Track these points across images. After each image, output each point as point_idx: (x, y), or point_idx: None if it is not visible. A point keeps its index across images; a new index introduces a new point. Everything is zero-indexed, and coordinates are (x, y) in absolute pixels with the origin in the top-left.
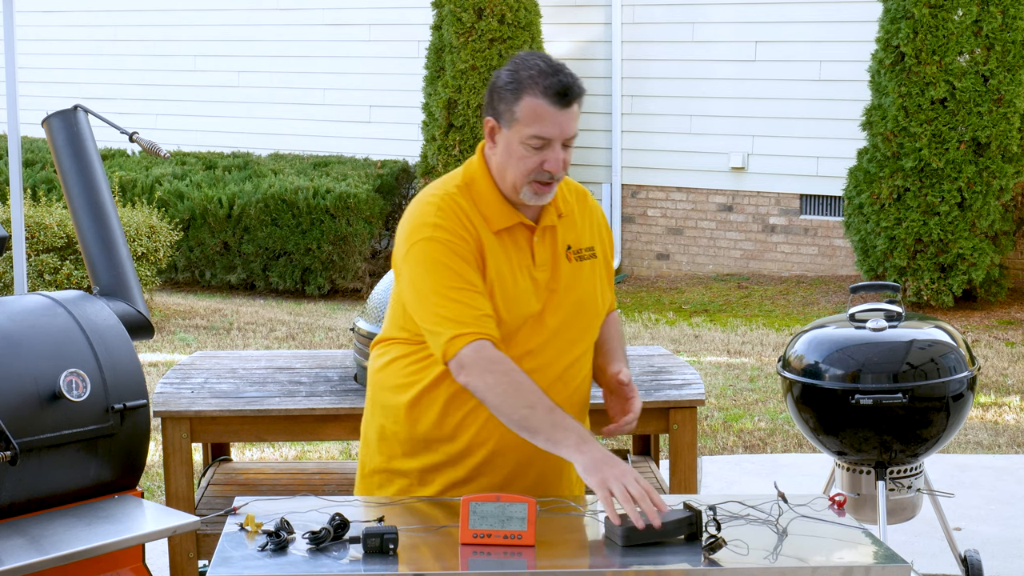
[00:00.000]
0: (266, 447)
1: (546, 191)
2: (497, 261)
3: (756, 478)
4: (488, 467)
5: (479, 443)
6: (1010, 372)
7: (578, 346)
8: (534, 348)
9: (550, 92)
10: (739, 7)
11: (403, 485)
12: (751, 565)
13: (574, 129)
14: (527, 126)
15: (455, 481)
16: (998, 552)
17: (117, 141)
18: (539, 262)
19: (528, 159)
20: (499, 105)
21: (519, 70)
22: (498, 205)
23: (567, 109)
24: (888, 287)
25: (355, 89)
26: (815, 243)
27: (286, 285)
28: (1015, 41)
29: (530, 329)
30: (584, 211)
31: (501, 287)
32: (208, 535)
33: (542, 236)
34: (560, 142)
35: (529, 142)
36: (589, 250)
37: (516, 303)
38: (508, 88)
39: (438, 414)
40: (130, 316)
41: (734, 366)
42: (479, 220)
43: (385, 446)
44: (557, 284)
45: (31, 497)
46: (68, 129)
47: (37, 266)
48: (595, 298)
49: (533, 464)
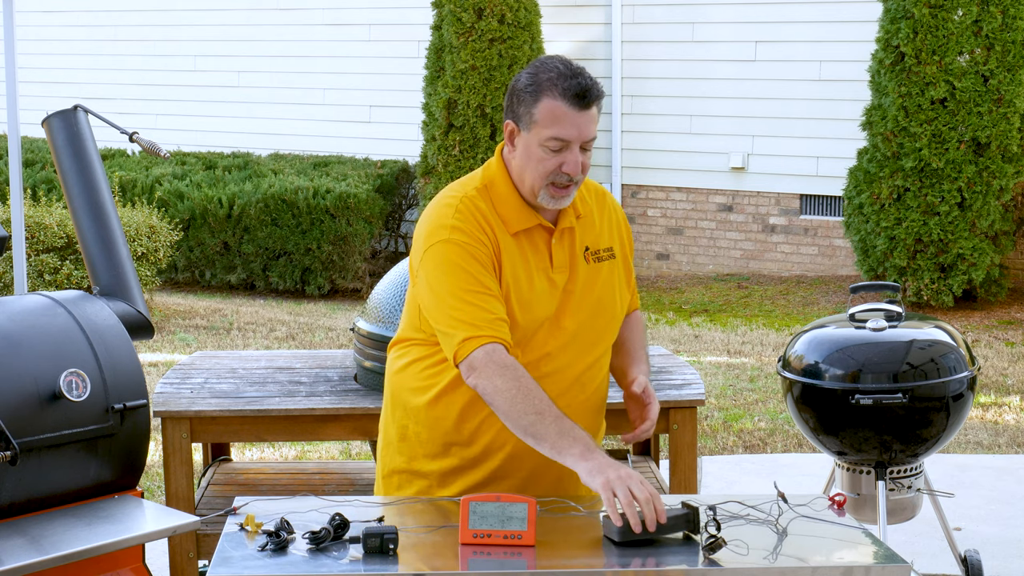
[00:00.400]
0: (266, 447)
1: (564, 194)
2: (514, 263)
3: (756, 478)
4: (505, 471)
5: (496, 447)
6: (1010, 372)
7: (596, 349)
8: (552, 351)
9: (569, 94)
10: (739, 7)
11: (423, 487)
12: (751, 565)
13: (593, 132)
14: (546, 128)
15: (474, 484)
16: (998, 552)
17: (117, 141)
18: (557, 264)
19: (547, 161)
20: (518, 108)
21: (539, 73)
22: (517, 207)
23: (586, 111)
24: (888, 287)
25: (355, 89)
26: (815, 243)
27: (286, 285)
28: (1015, 41)
29: (547, 332)
30: (603, 211)
31: (517, 289)
32: (208, 535)
33: (560, 238)
34: (578, 144)
35: (548, 144)
36: (608, 251)
37: (533, 305)
38: (527, 91)
39: (456, 418)
40: (130, 316)
41: (734, 366)
42: (497, 222)
43: (406, 447)
44: (575, 286)
45: (31, 497)
46: (68, 129)
47: (37, 266)
48: (613, 300)
49: (551, 468)
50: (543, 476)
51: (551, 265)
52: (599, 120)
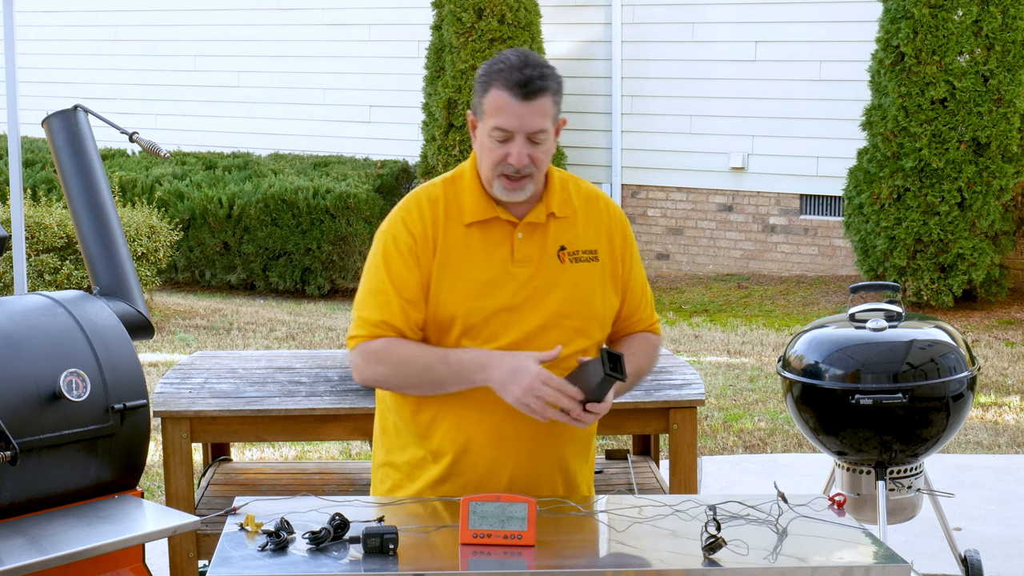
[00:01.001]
0: (266, 447)
1: (516, 186)
2: (461, 252)
3: (756, 478)
4: (461, 466)
5: (451, 440)
6: (1010, 372)
7: (565, 348)
8: (509, 344)
9: (510, 84)
10: (739, 7)
11: (396, 480)
12: (751, 565)
13: (538, 124)
14: (491, 117)
15: (435, 479)
16: (998, 552)
17: (117, 141)
18: (519, 257)
19: (494, 151)
20: (475, 98)
21: (493, 64)
22: (476, 198)
23: (528, 102)
24: (888, 287)
25: (355, 89)
26: (815, 243)
27: (286, 285)
28: (1015, 41)
29: (503, 323)
30: (591, 214)
31: (462, 278)
32: (208, 535)
33: (528, 232)
34: (523, 136)
35: (493, 134)
36: (588, 253)
37: (481, 295)
38: (480, 81)
39: (412, 408)
40: (130, 316)
41: (734, 366)
42: (454, 212)
43: (387, 439)
44: (542, 282)
45: (31, 497)
46: (68, 129)
47: (37, 266)
48: (591, 301)
49: (505, 464)
50: (499, 472)
51: (511, 258)
52: (554, 115)
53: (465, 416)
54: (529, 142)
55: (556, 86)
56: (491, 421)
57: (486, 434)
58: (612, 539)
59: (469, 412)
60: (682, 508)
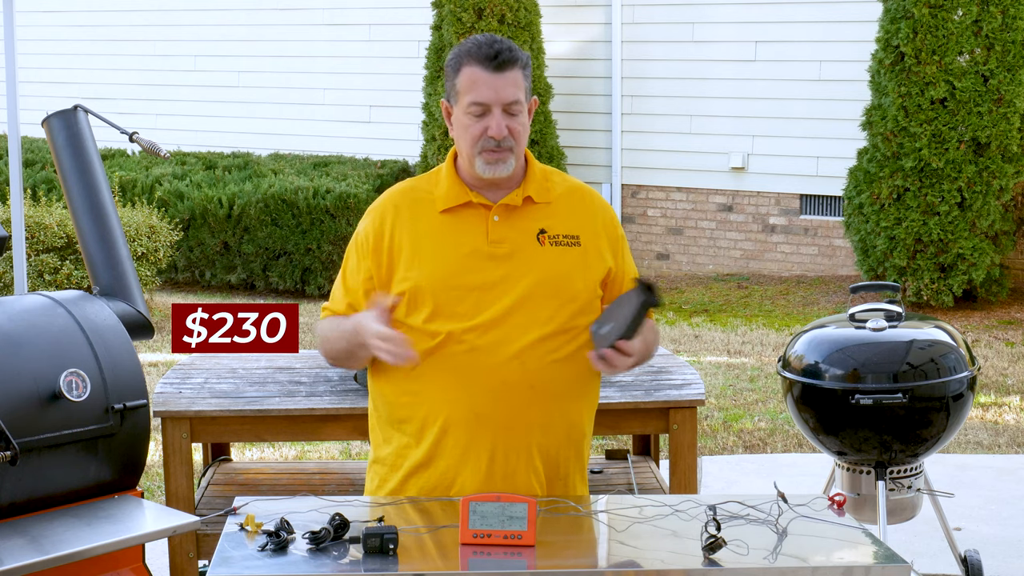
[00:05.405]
0: (266, 447)
1: (497, 158)
2: (434, 237)
3: (756, 478)
4: (442, 448)
5: (432, 421)
6: (1010, 372)
7: (543, 328)
8: (485, 322)
9: (481, 57)
10: (739, 7)
11: (382, 474)
12: (751, 565)
13: (513, 95)
14: (466, 94)
15: (417, 464)
16: (998, 552)
17: (117, 141)
18: (494, 238)
19: (472, 127)
20: (447, 84)
21: (460, 48)
22: (450, 187)
23: (501, 73)
24: (888, 287)
25: (355, 89)
26: (815, 243)
27: (286, 285)
28: (1015, 41)
29: (477, 301)
30: (574, 203)
31: (431, 260)
32: (208, 535)
33: (504, 215)
34: (500, 107)
35: (471, 111)
36: (570, 238)
37: (453, 274)
38: (450, 65)
39: (392, 394)
40: (130, 316)
41: (734, 366)
42: (428, 201)
43: (373, 436)
44: (518, 263)
45: (31, 497)
46: (68, 129)
47: (37, 266)
48: (571, 283)
49: (483, 445)
50: (479, 454)
51: (486, 239)
52: (526, 88)
53: (440, 396)
54: (506, 114)
55: (526, 59)
56: (466, 400)
57: (462, 412)
58: (612, 539)
59: (444, 392)
60: (682, 508)
